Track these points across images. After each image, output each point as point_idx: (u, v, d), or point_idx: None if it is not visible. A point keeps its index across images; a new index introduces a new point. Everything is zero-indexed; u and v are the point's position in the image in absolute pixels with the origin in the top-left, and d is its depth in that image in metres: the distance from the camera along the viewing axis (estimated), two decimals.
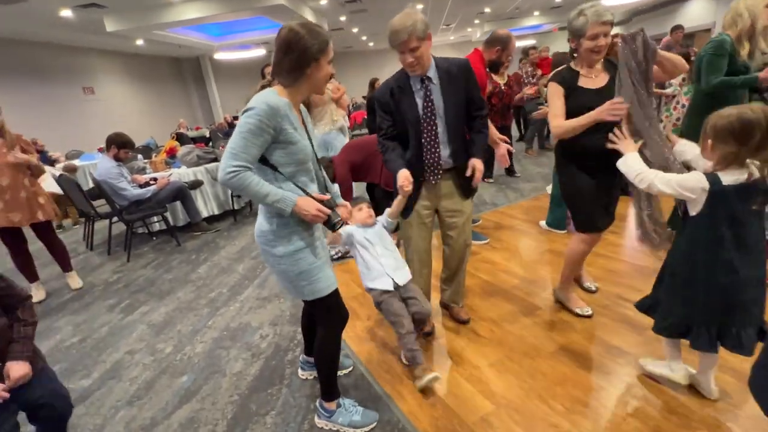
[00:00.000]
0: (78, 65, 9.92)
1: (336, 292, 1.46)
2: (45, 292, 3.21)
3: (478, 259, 2.95)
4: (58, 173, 4.42)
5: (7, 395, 1.20)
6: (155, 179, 4.15)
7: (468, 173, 1.78)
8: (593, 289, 2.36)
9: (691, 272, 1.36)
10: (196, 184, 4.38)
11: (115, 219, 3.92)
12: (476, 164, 1.78)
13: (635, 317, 2.04)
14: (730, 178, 1.24)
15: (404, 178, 1.69)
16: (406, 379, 1.81)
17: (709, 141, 1.27)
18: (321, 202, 1.32)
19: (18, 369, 1.23)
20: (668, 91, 4.46)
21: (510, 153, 2.41)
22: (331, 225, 1.35)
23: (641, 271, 2.51)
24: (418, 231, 1.96)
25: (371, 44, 15.20)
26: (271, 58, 1.39)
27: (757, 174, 1.21)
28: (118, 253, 4.02)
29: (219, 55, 12.61)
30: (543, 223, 3.41)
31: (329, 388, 1.58)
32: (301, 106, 1.40)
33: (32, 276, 3.17)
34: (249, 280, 3.10)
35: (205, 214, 4.54)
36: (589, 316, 2.10)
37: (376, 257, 1.81)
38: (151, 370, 2.12)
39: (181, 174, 4.43)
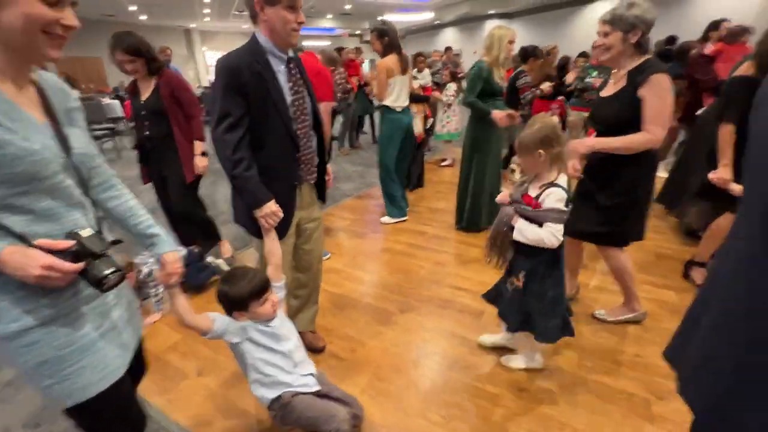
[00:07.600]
0: None
1: (118, 387, 0.92)
2: None
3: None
4: None
5: None
6: None
7: (327, 177, 1.72)
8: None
9: None
10: None
11: None
12: (329, 169, 1.73)
13: (471, 304, 2.23)
14: None
15: (275, 211, 1.42)
16: None
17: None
18: (59, 252, 0.76)
19: None
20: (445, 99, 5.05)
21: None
22: (95, 282, 0.81)
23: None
24: (288, 250, 1.63)
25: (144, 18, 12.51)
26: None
27: None
28: None
29: None
30: (386, 218, 3.47)
31: None
32: (63, 85, 0.88)
33: None
34: None
35: None
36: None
37: (290, 355, 1.27)
38: None
39: None
